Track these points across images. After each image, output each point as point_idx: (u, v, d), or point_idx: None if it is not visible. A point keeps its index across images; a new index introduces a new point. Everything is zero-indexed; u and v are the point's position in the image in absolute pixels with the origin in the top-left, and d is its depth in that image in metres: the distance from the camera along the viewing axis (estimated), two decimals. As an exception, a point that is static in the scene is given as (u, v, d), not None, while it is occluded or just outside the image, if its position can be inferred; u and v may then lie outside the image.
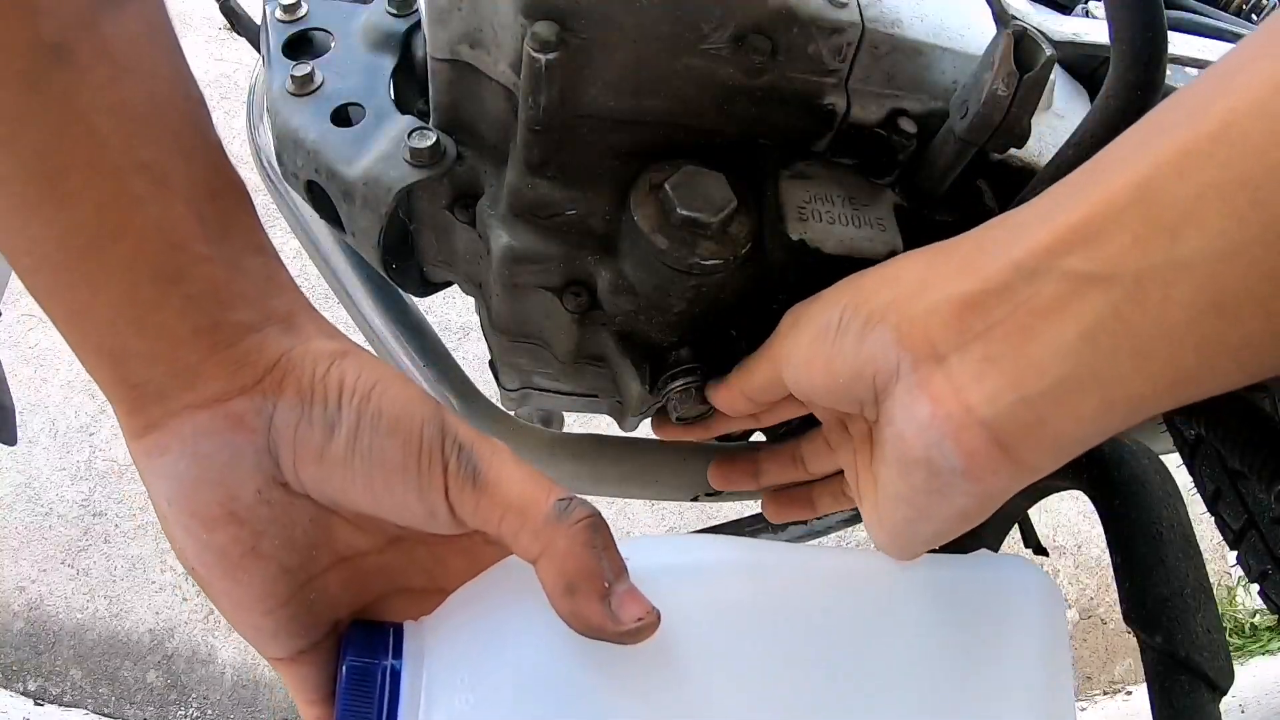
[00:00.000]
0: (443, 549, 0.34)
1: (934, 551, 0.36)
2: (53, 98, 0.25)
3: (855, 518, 0.65)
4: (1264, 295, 0.23)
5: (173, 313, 0.27)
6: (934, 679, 0.35)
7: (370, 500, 0.30)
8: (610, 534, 0.30)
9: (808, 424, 0.45)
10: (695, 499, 0.61)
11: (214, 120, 0.30)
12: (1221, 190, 0.23)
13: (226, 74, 2.16)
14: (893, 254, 0.43)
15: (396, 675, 0.29)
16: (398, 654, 0.30)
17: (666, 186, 0.41)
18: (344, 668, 0.29)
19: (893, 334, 0.31)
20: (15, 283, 0.27)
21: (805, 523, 0.62)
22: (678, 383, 0.46)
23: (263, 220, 0.31)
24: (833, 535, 0.71)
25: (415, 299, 0.64)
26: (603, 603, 0.28)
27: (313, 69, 0.48)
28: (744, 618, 0.33)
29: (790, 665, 0.33)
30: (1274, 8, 0.68)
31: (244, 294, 0.29)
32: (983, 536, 0.50)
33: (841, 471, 0.43)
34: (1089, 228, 0.26)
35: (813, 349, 0.35)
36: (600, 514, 0.30)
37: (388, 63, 0.49)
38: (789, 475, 0.46)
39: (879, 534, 0.35)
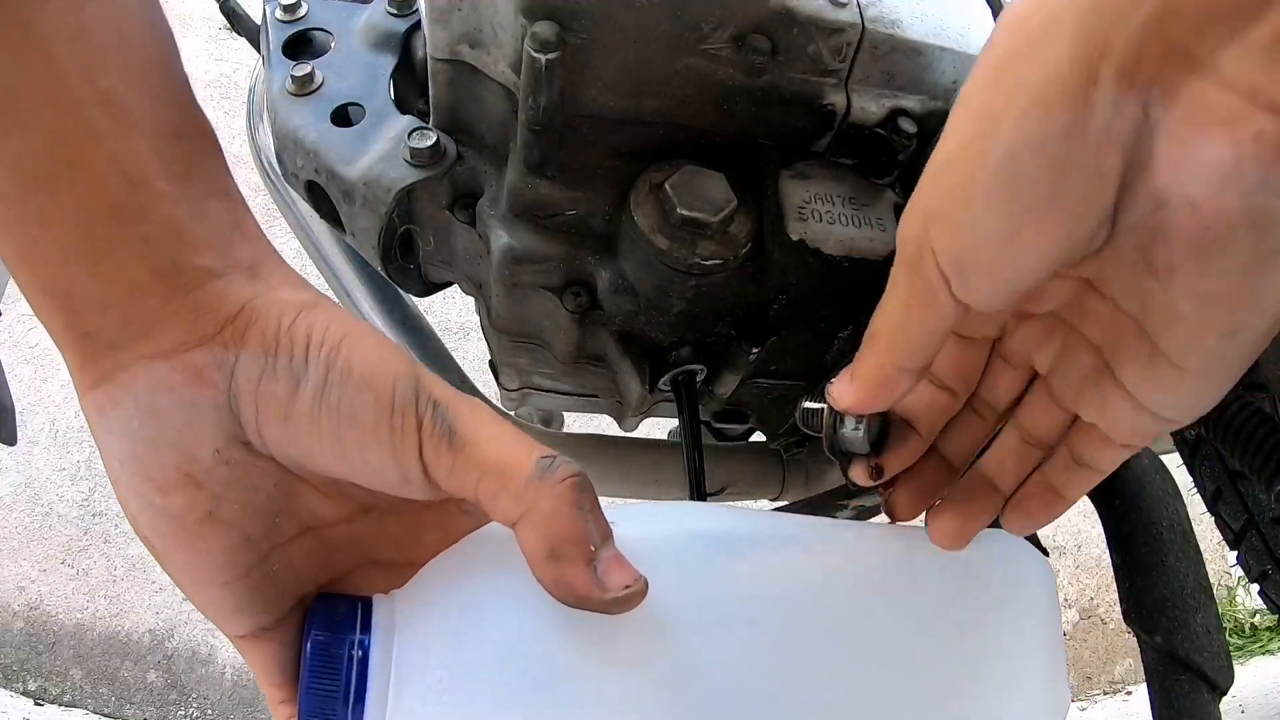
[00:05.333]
0: (415, 520, 0.32)
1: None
2: (8, 21, 0.24)
3: (855, 518, 0.65)
4: None
5: (129, 253, 0.25)
6: (933, 654, 0.33)
7: (338, 461, 0.27)
8: (596, 495, 0.28)
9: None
10: (695, 499, 0.61)
11: (214, 119, 0.29)
12: None
13: (226, 74, 2.16)
14: (892, 254, 0.43)
15: (365, 651, 0.27)
16: (366, 629, 0.28)
17: (666, 186, 0.41)
18: (308, 643, 0.27)
19: (1115, 68, 0.21)
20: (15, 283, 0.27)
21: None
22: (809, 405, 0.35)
23: (263, 220, 0.30)
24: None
25: (415, 299, 0.64)
26: (588, 568, 0.26)
27: (313, 69, 0.48)
28: (736, 589, 0.31)
29: (783, 639, 0.31)
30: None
31: (206, 237, 0.27)
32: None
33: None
34: None
35: (994, 186, 0.24)
36: (585, 474, 0.27)
37: (388, 63, 0.49)
38: (1028, 462, 0.33)
39: (1179, 394, 0.25)
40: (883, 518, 0.37)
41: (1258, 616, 1.85)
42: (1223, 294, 0.23)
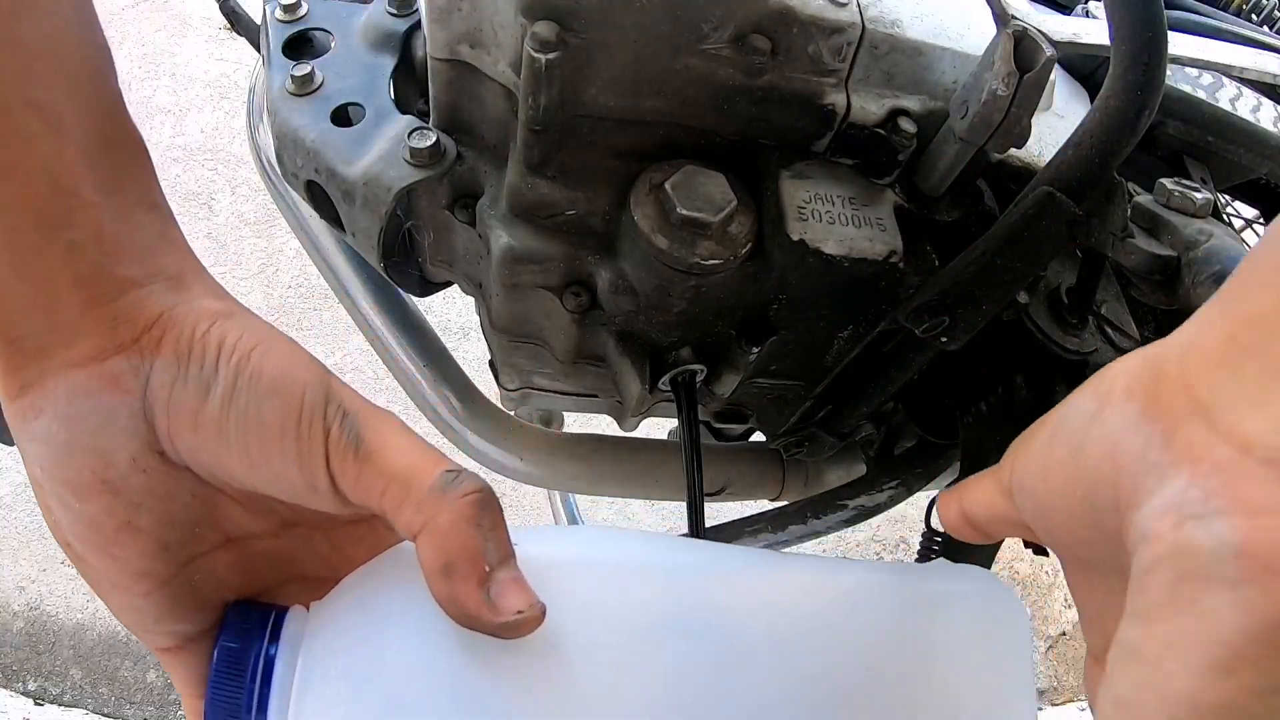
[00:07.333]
0: (342, 536, 0.32)
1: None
2: None
3: (855, 518, 0.64)
4: None
5: (55, 259, 0.26)
6: (874, 694, 0.32)
7: (247, 470, 0.27)
8: (501, 514, 0.27)
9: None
10: (695, 499, 0.61)
11: (214, 119, 0.29)
12: None
13: (226, 74, 2.16)
14: (892, 254, 0.43)
15: (270, 660, 0.28)
16: (275, 638, 0.28)
17: (666, 186, 0.41)
18: (216, 650, 0.28)
19: (1138, 404, 0.23)
20: None
21: (804, 522, 0.62)
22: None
23: (262, 220, 0.30)
24: (830, 537, 0.70)
25: (415, 299, 0.64)
26: (481, 588, 0.26)
27: (313, 69, 0.48)
28: (646, 618, 0.30)
29: (695, 670, 0.30)
30: (1272, 9, 0.68)
31: (132, 247, 0.27)
32: (974, 549, 0.48)
33: None
34: None
35: (1043, 456, 0.27)
36: (492, 491, 0.27)
37: (388, 63, 0.49)
38: None
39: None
40: (866, 525, 0.36)
41: (1257, 616, 1.85)
42: (1168, 638, 0.21)
